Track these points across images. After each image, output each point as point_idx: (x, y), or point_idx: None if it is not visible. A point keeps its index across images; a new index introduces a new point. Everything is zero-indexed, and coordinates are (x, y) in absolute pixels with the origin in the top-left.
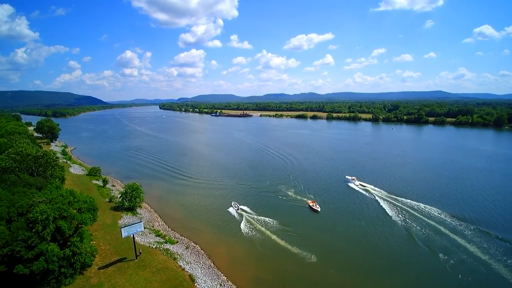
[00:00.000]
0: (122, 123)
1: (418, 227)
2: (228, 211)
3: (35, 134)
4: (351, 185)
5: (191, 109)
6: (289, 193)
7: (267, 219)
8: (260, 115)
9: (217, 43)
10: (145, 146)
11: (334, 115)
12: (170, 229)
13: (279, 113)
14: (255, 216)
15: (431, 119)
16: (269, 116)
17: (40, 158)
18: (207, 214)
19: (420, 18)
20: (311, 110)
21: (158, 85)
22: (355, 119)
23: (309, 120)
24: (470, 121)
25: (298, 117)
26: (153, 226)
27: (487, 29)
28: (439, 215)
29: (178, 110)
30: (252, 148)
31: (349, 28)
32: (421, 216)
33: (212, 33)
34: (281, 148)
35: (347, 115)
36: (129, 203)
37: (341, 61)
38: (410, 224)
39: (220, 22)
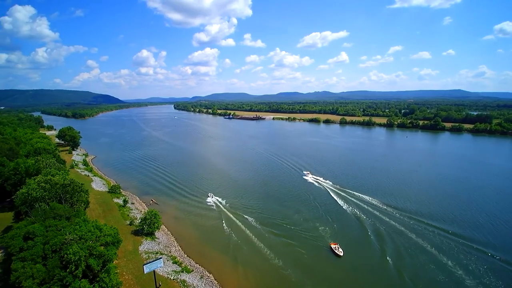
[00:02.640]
0: (138, 127)
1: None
2: (239, 236)
3: (57, 141)
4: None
5: (204, 110)
6: (306, 224)
7: (278, 262)
8: (273, 118)
9: (231, 41)
10: (160, 156)
11: (348, 119)
12: (186, 256)
13: (292, 116)
14: (263, 247)
15: (448, 125)
16: (282, 119)
17: (67, 186)
18: (218, 238)
19: (438, 14)
20: (325, 113)
21: (172, 83)
22: (369, 124)
23: (322, 125)
24: (488, 128)
25: (311, 121)
26: (170, 252)
27: (508, 26)
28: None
29: (192, 111)
30: (265, 159)
31: (364, 26)
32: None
33: (226, 32)
34: (293, 158)
35: (361, 119)
36: (148, 228)
37: (356, 59)
38: None
39: (234, 21)
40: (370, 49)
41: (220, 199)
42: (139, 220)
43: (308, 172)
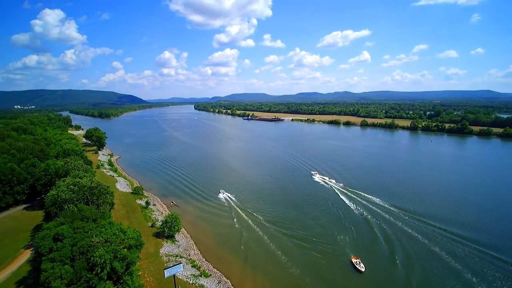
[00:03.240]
0: (160, 127)
1: None
2: (256, 241)
3: (84, 140)
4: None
5: (224, 111)
6: (324, 232)
7: (295, 271)
8: (292, 120)
9: (250, 42)
10: (180, 157)
11: (369, 121)
12: (204, 259)
13: (311, 117)
14: (276, 252)
15: (476, 129)
16: (301, 120)
17: (94, 188)
18: (236, 243)
19: (465, 11)
20: (345, 114)
21: (193, 84)
22: (391, 127)
23: (342, 127)
24: None
25: (330, 122)
26: (189, 255)
27: None
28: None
29: (212, 111)
30: (283, 161)
31: (388, 24)
32: None
33: (246, 32)
34: (311, 162)
35: (383, 121)
36: (168, 231)
37: (378, 58)
38: None
39: (254, 21)
40: (394, 48)
41: (238, 203)
42: (160, 223)
43: (328, 179)
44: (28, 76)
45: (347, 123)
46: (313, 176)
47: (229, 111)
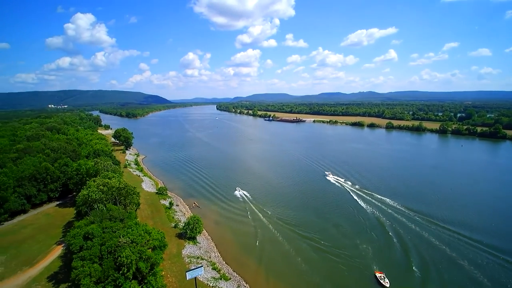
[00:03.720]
0: (183, 128)
1: None
2: (276, 247)
3: (113, 140)
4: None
5: (245, 111)
6: (346, 241)
7: (314, 279)
8: (314, 121)
9: (272, 42)
10: (203, 158)
11: (395, 123)
12: (224, 262)
13: (334, 118)
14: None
15: (510, 133)
16: (323, 122)
17: (122, 189)
18: (255, 248)
19: (499, 8)
20: (369, 115)
21: (215, 84)
22: (419, 130)
23: (365, 129)
24: None
25: (354, 124)
26: (210, 258)
27: None
28: None
29: (234, 112)
30: (304, 164)
31: (416, 21)
32: None
33: (268, 33)
34: (334, 166)
35: (410, 123)
36: (191, 232)
37: (405, 57)
38: None
39: (276, 21)
40: (422, 46)
41: (259, 206)
42: (183, 224)
43: (351, 184)
44: (61, 77)
45: (372, 125)
46: (332, 180)
47: (250, 111)
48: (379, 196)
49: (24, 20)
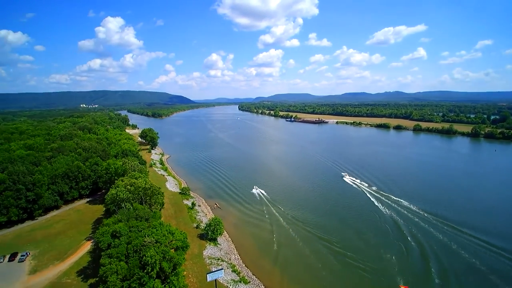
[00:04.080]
0: (206, 128)
1: None
2: (296, 252)
3: (139, 139)
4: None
5: (267, 111)
6: (370, 250)
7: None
8: (336, 122)
9: (295, 42)
10: (224, 159)
11: (423, 125)
12: (244, 265)
13: (358, 120)
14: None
15: None
16: (346, 123)
17: (148, 189)
18: (275, 252)
19: None
20: (396, 117)
21: (237, 84)
22: (449, 133)
23: (391, 132)
24: None
25: (379, 126)
26: (230, 260)
27: None
28: None
29: (255, 112)
30: (326, 168)
31: (446, 18)
32: None
33: (291, 32)
34: (357, 171)
35: (440, 126)
36: (212, 234)
37: (435, 55)
38: None
39: (300, 21)
40: (453, 44)
41: (279, 209)
42: (204, 225)
43: (376, 189)
44: (92, 78)
45: (398, 127)
46: (353, 183)
47: (272, 112)
48: (405, 203)
49: (58, 24)
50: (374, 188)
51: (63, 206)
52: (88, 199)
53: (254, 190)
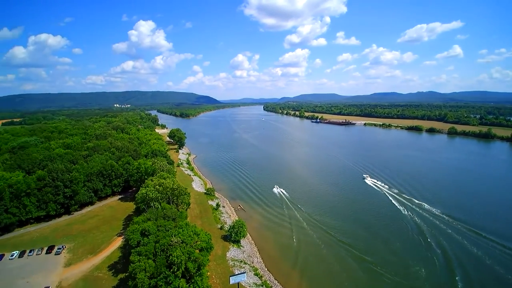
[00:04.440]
0: (231, 128)
1: None
2: (319, 259)
3: (168, 139)
4: None
5: (292, 112)
6: (398, 262)
7: None
8: (365, 124)
9: (322, 41)
10: (248, 161)
11: (459, 128)
12: (266, 269)
13: (387, 121)
14: None
15: None
16: (375, 125)
17: (175, 190)
18: (298, 258)
19: None
20: (429, 119)
21: (263, 85)
22: (487, 137)
23: (424, 135)
24: None
25: (410, 128)
26: (252, 263)
27: None
28: None
29: (280, 113)
30: (352, 172)
31: (484, 13)
32: None
33: (318, 31)
34: (386, 177)
35: (477, 129)
36: (235, 236)
37: (472, 53)
38: None
39: (327, 19)
40: (492, 41)
41: (303, 214)
42: (228, 227)
43: (406, 196)
44: (125, 79)
45: (431, 130)
46: (382, 190)
47: (297, 112)
48: (437, 212)
49: (94, 27)
50: (404, 195)
51: (97, 202)
52: (120, 196)
53: (275, 190)
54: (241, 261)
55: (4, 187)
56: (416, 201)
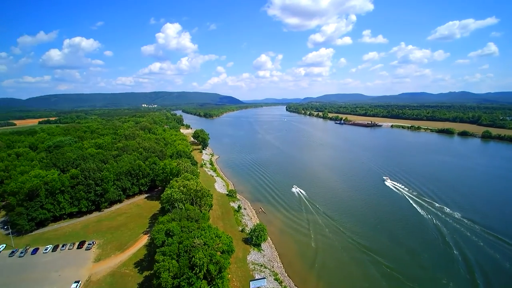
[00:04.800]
0: (254, 129)
1: None
2: (343, 268)
3: (192, 139)
4: None
5: (315, 113)
6: (427, 276)
7: None
8: (391, 126)
9: (347, 40)
10: (271, 163)
11: (494, 132)
12: (286, 275)
13: (416, 123)
14: None
15: None
16: (403, 127)
17: (198, 191)
18: (318, 265)
19: None
20: (461, 121)
21: (286, 85)
22: None
23: (455, 138)
24: None
25: (441, 131)
26: (272, 267)
27: None
28: None
29: (303, 114)
30: (378, 177)
31: None
32: None
33: (343, 30)
34: (416, 183)
35: None
36: (256, 239)
37: (509, 51)
38: None
39: (353, 17)
40: None
41: (325, 220)
42: (249, 230)
43: (437, 205)
44: (152, 80)
45: (464, 134)
46: (410, 198)
47: (320, 113)
48: (469, 224)
49: (124, 31)
50: (437, 204)
51: (125, 200)
52: (146, 195)
53: (295, 191)
54: (261, 265)
55: (40, 185)
56: (448, 209)
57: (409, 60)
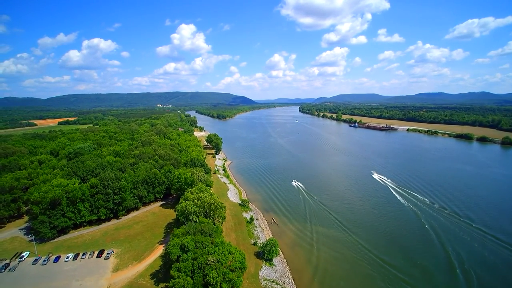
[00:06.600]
0: (266, 132)
1: None
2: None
3: (205, 143)
4: None
5: (328, 114)
6: None
7: None
8: (407, 130)
9: (362, 39)
10: (284, 170)
11: None
12: None
13: (433, 127)
14: None
15: None
16: (419, 131)
17: (212, 204)
18: (330, 281)
19: None
20: (480, 125)
21: (299, 84)
22: None
23: (474, 144)
24: None
25: (459, 136)
26: (284, 283)
27: None
28: None
29: (316, 115)
30: (392, 187)
31: None
32: None
33: (357, 29)
34: (434, 193)
35: None
36: (268, 254)
37: None
38: None
39: (368, 16)
40: None
41: (339, 229)
42: (261, 243)
43: (461, 218)
44: (167, 80)
45: (483, 139)
46: (431, 214)
47: (334, 115)
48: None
49: (141, 32)
50: (462, 218)
51: (141, 207)
52: (161, 203)
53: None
54: (273, 281)
55: (62, 194)
56: (474, 225)
57: (427, 59)
